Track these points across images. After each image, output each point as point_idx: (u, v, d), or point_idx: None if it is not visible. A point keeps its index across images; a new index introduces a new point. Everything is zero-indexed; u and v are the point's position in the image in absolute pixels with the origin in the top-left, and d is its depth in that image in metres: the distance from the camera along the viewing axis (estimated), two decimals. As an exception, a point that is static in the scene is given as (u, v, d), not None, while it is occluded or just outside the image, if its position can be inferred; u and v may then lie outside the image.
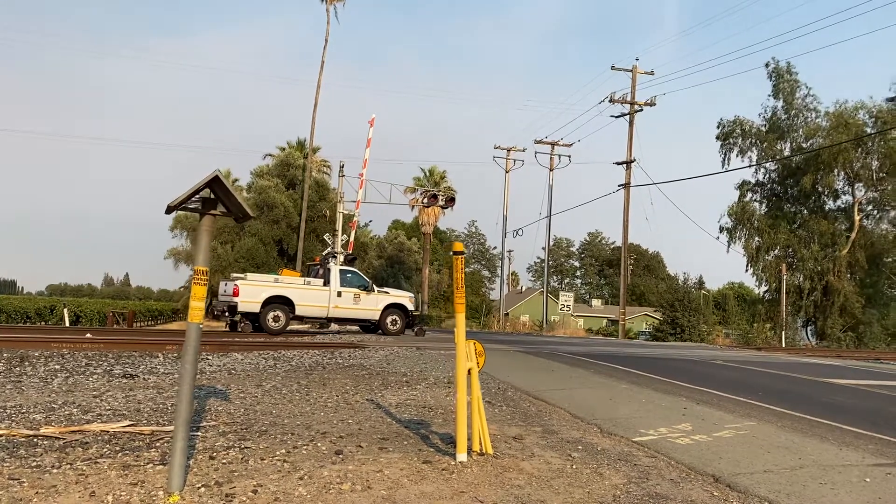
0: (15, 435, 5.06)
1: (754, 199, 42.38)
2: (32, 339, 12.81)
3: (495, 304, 59.09)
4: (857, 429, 6.83)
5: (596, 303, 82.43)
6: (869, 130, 37.43)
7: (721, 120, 42.01)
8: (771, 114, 40.52)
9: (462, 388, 4.94)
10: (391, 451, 5.11)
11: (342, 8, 37.70)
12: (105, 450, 4.74)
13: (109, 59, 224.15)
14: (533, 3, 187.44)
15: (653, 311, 60.01)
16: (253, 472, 4.32)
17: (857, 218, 38.92)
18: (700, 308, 39.80)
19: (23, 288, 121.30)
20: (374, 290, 20.35)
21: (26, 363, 9.46)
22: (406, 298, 21.07)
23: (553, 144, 44.18)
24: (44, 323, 35.19)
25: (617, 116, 36.57)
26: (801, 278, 39.54)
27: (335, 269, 20.08)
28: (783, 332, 36.54)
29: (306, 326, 23.55)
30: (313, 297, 19.22)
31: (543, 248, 51.38)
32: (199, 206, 4.18)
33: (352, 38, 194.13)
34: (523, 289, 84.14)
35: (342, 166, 27.93)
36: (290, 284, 19.22)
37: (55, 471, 4.17)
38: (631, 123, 35.88)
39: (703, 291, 63.81)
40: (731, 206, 41.68)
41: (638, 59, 38.52)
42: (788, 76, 39.65)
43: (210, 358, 11.17)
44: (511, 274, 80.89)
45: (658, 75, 38.06)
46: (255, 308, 18.18)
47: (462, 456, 4.87)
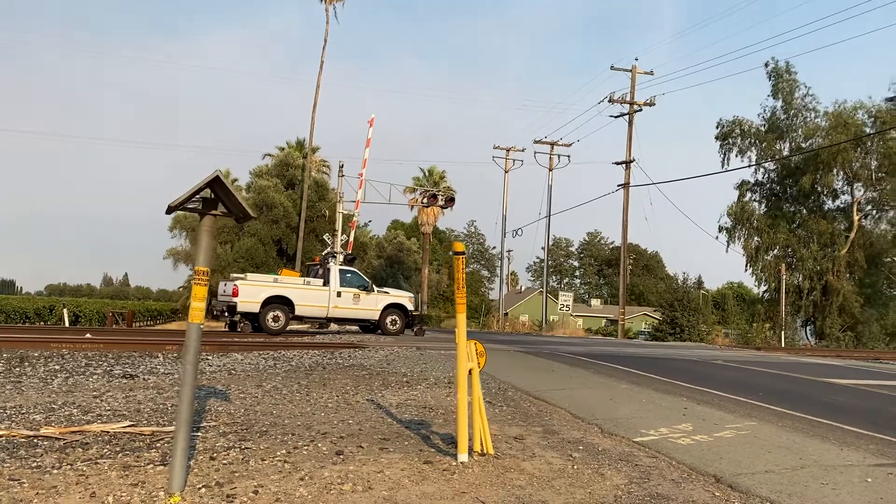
0: (15, 435, 5.05)
1: (753, 199, 42.42)
2: (32, 339, 12.79)
3: (494, 303, 59.08)
4: (857, 429, 6.83)
5: (595, 303, 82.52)
6: (868, 130, 37.44)
7: (720, 120, 42.07)
8: (770, 114, 40.55)
9: (463, 388, 4.94)
10: (392, 451, 5.10)
11: (341, 8, 37.76)
12: (105, 450, 4.73)
13: (109, 59, 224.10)
14: (533, 3, 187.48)
15: (652, 310, 60.04)
16: (254, 473, 4.32)
17: (856, 218, 38.94)
18: (699, 308, 39.85)
19: (22, 288, 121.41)
20: (373, 290, 20.34)
21: (26, 363, 9.44)
22: (406, 298, 21.07)
23: (552, 144, 44.22)
24: (43, 323, 35.15)
25: (616, 116, 36.65)
26: (801, 278, 39.57)
27: (335, 269, 20.07)
28: (782, 332, 36.55)
29: (306, 326, 23.53)
30: (313, 297, 19.21)
31: (543, 248, 51.41)
32: (199, 207, 4.18)
33: (351, 39, 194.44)
34: (522, 289, 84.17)
35: (342, 166, 27.93)
36: (289, 284, 19.21)
37: (55, 471, 4.17)
38: (630, 123, 35.92)
39: (702, 291, 63.84)
40: (731, 206, 41.72)
41: (637, 59, 38.67)
42: (787, 76, 39.66)
43: (210, 358, 11.16)
44: (510, 274, 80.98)
45: (657, 75, 38.19)
46: (255, 308, 18.17)
47: (463, 456, 4.86)
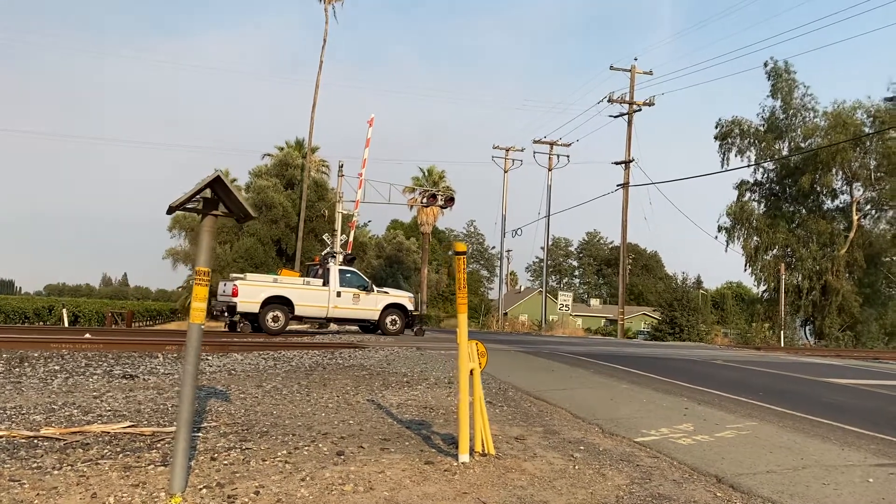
0: (15, 436, 5.04)
1: (753, 199, 42.40)
2: (31, 339, 12.77)
3: (494, 303, 59.10)
4: (858, 429, 6.82)
5: (594, 302, 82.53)
6: (867, 130, 37.44)
7: (719, 120, 42.04)
8: (769, 113, 40.53)
9: (464, 388, 4.93)
10: (393, 451, 5.10)
11: (340, 8, 37.73)
12: (106, 451, 4.73)
13: (109, 59, 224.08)
14: (532, 3, 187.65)
15: (651, 310, 60.06)
16: (255, 474, 4.31)
17: (855, 217, 38.94)
18: (698, 308, 39.86)
19: (20, 288, 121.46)
20: (373, 290, 20.32)
21: (26, 364, 9.43)
22: (405, 298, 21.05)
23: (552, 144, 44.21)
24: (42, 323, 35.11)
25: (616, 116, 36.65)
26: (800, 278, 39.56)
27: (334, 269, 20.06)
28: (782, 332, 36.56)
29: (305, 327, 23.52)
30: (312, 297, 19.20)
31: (542, 248, 51.39)
32: (200, 207, 4.17)
33: (351, 39, 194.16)
34: (522, 288, 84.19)
35: (341, 166, 27.92)
36: (289, 284, 19.19)
37: (56, 472, 4.16)
38: (629, 123, 35.94)
39: (701, 291, 63.86)
40: (730, 206, 41.70)
41: (637, 59, 38.70)
42: (786, 75, 39.64)
43: (210, 358, 11.15)
44: (510, 274, 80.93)
45: (657, 75, 38.21)
46: (255, 308, 18.15)
47: (464, 456, 4.85)
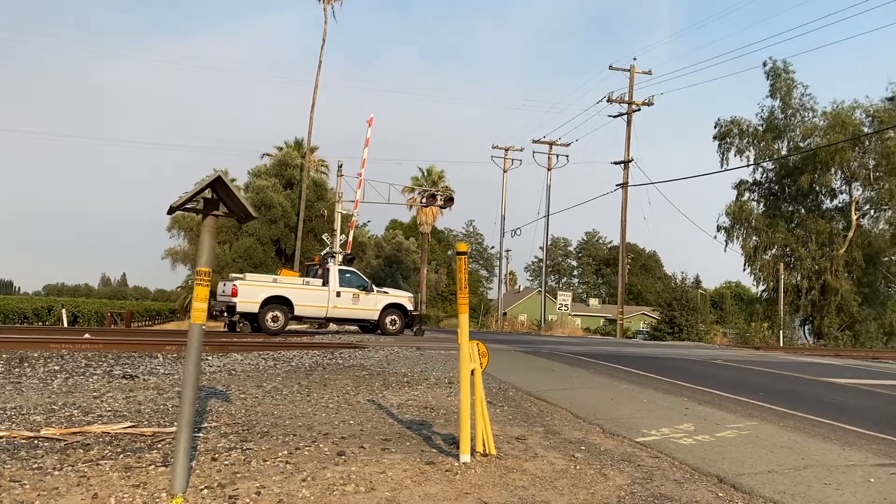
0: (15, 437, 5.03)
1: (752, 199, 42.39)
2: (31, 339, 12.75)
3: (493, 303, 59.10)
4: (859, 429, 6.82)
5: (593, 302, 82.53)
6: (866, 130, 37.45)
7: (718, 120, 42.03)
8: (768, 113, 40.50)
9: (466, 388, 4.92)
10: (394, 451, 5.09)
11: (339, 8, 37.72)
12: (107, 451, 4.72)
13: (109, 59, 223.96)
14: (531, 3, 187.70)
15: (650, 310, 60.06)
16: (255, 474, 4.30)
17: (854, 217, 38.95)
18: (698, 307, 39.85)
19: (19, 288, 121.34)
20: (373, 290, 20.31)
21: (25, 364, 9.42)
22: (405, 298, 21.04)
23: (551, 144, 44.20)
24: (41, 323, 35.08)
25: (615, 116, 36.64)
26: (799, 277, 39.57)
27: (334, 269, 20.04)
28: (781, 332, 36.59)
29: (305, 327, 23.51)
30: (312, 297, 19.18)
31: (541, 248, 51.35)
32: (201, 207, 4.17)
33: (351, 39, 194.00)
34: (521, 288, 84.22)
35: (340, 166, 27.91)
36: (288, 284, 19.18)
37: (57, 473, 4.15)
38: (629, 123, 35.94)
39: (700, 291, 63.85)
40: (729, 206, 41.70)
41: (636, 59, 38.62)
42: (785, 75, 39.62)
43: (210, 358, 11.14)
44: (509, 273, 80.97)
45: (656, 75, 38.21)
46: (254, 308, 18.14)
47: (465, 457, 4.85)
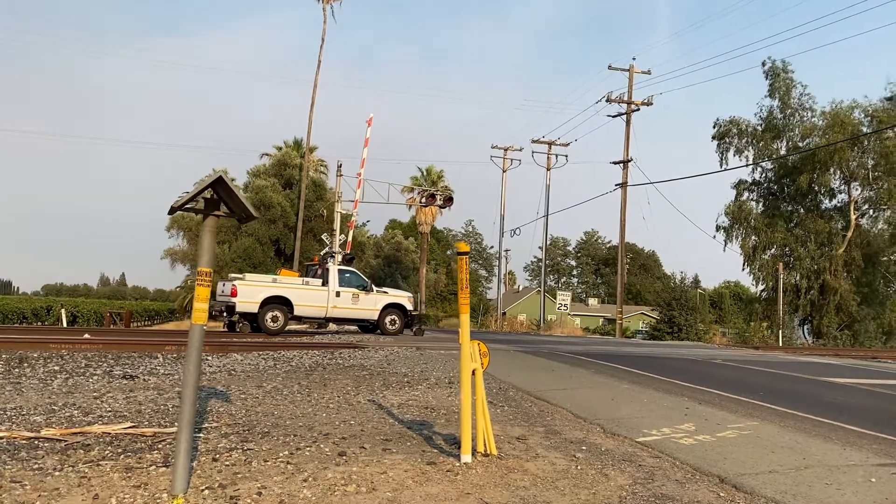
0: (16, 437, 5.02)
1: (751, 199, 42.46)
2: (31, 339, 12.74)
3: (492, 303, 59.10)
4: (859, 428, 6.82)
5: (592, 302, 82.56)
6: (865, 130, 37.48)
7: (717, 119, 42.10)
8: (767, 113, 40.56)
9: (467, 388, 4.92)
10: (395, 452, 5.09)
11: (339, 7, 37.68)
12: (107, 452, 4.71)
13: (109, 59, 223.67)
14: (531, 3, 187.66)
15: (649, 309, 60.10)
16: (256, 474, 4.30)
17: (853, 217, 39.00)
18: (697, 307, 39.84)
19: (18, 288, 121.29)
20: (372, 290, 20.30)
21: (25, 364, 9.41)
22: (405, 298, 21.04)
23: (550, 144, 44.20)
24: (40, 323, 35.05)
25: (614, 116, 36.61)
26: (798, 277, 39.62)
27: (334, 269, 20.04)
28: (780, 331, 36.62)
29: (304, 327, 23.50)
30: (312, 297, 19.18)
31: (540, 248, 51.38)
32: (202, 207, 4.16)
33: (350, 38, 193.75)
34: (520, 288, 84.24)
35: (339, 166, 27.90)
36: (288, 284, 19.17)
37: (57, 473, 4.14)
38: (628, 123, 35.92)
39: (699, 290, 63.86)
40: (728, 205, 41.75)
41: (635, 59, 38.57)
42: (784, 74, 39.67)
43: (209, 359, 11.13)
44: (508, 273, 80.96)
45: (655, 75, 37.98)
46: (254, 308, 18.13)
47: (466, 457, 4.85)
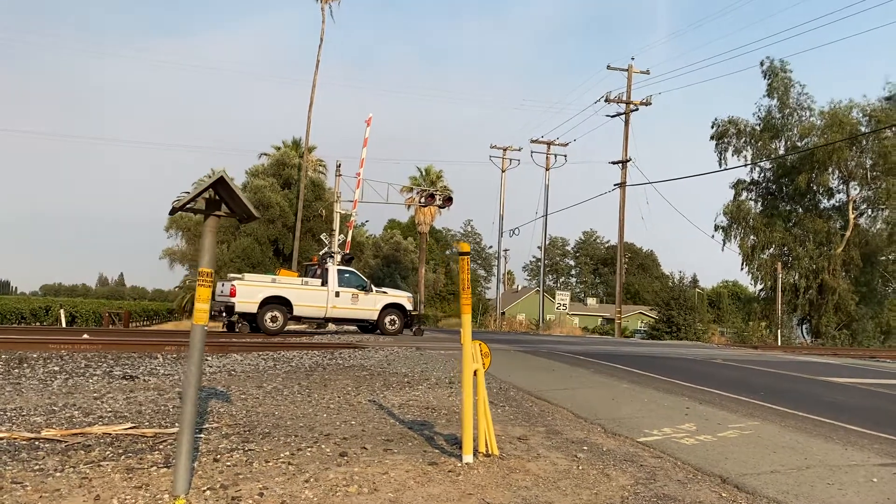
0: (16, 438, 5.01)
1: (749, 198, 42.45)
2: (30, 340, 12.72)
3: (491, 303, 59.09)
4: (860, 428, 6.82)
5: (591, 301, 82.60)
6: (863, 129, 37.51)
7: (716, 119, 42.07)
8: (765, 113, 40.55)
9: (469, 388, 4.92)
10: (396, 452, 5.08)
11: (337, 7, 37.59)
12: (108, 452, 4.70)
13: (109, 59, 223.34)
14: (530, 3, 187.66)
15: (648, 309, 60.14)
16: (258, 475, 4.29)
17: (851, 216, 39.02)
18: (695, 307, 39.86)
19: (16, 288, 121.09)
20: (372, 290, 20.29)
21: (25, 365, 9.39)
22: (404, 298, 21.02)
23: (549, 144, 44.15)
24: (39, 324, 35.00)
25: (613, 116, 36.60)
26: (797, 276, 39.63)
27: (333, 269, 20.02)
28: (779, 331, 36.65)
29: (303, 327, 23.48)
30: (311, 297, 19.16)
31: (539, 248, 51.39)
32: (203, 208, 4.15)
33: (350, 38, 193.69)
34: (519, 288, 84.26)
35: (338, 165, 27.89)
36: (287, 284, 19.15)
37: (58, 474, 4.13)
38: (626, 123, 35.92)
39: (697, 290, 63.90)
40: (727, 205, 41.74)
41: (634, 59, 38.41)
42: (782, 74, 39.68)
43: (209, 359, 11.11)
44: (507, 273, 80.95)
45: (654, 75, 38.23)
46: (253, 308, 18.11)
47: (468, 457, 4.84)
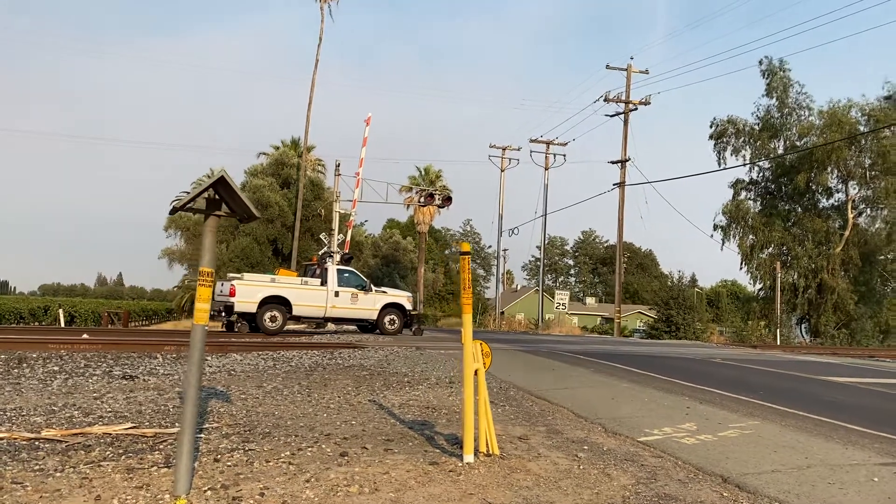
0: (16, 438, 5.00)
1: (748, 198, 42.51)
2: (29, 340, 12.70)
3: (490, 302, 59.08)
4: (860, 427, 6.82)
5: (590, 301, 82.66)
6: (862, 129, 37.55)
7: (714, 119, 42.12)
8: (764, 112, 40.61)
9: (469, 388, 4.91)
10: (397, 452, 5.07)
11: (336, 6, 37.58)
12: (108, 452, 4.69)
13: (109, 59, 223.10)
14: (530, 3, 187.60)
15: (647, 308, 60.11)
16: (259, 475, 4.28)
17: (850, 216, 39.06)
18: (694, 306, 39.89)
19: (15, 288, 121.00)
20: (371, 290, 20.27)
21: (24, 365, 9.37)
22: (404, 298, 21.00)
23: (548, 143, 44.13)
24: (38, 323, 34.97)
25: (612, 115, 36.60)
26: (795, 276, 39.68)
27: (332, 268, 20.00)
28: (778, 330, 36.68)
29: (303, 326, 23.47)
30: (310, 296, 19.15)
31: (538, 247, 51.39)
32: (203, 208, 4.15)
33: (349, 38, 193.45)
34: (518, 287, 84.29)
35: (338, 165, 27.84)
36: (286, 284, 19.13)
37: (58, 474, 4.12)
38: (626, 122, 35.93)
39: (696, 289, 63.93)
40: (726, 205, 41.81)
41: (633, 58, 38.33)
42: (781, 73, 39.72)
43: (209, 359, 11.11)
44: (506, 272, 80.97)
45: (653, 74, 38.21)
46: (252, 308, 18.09)
47: (469, 457, 4.83)
